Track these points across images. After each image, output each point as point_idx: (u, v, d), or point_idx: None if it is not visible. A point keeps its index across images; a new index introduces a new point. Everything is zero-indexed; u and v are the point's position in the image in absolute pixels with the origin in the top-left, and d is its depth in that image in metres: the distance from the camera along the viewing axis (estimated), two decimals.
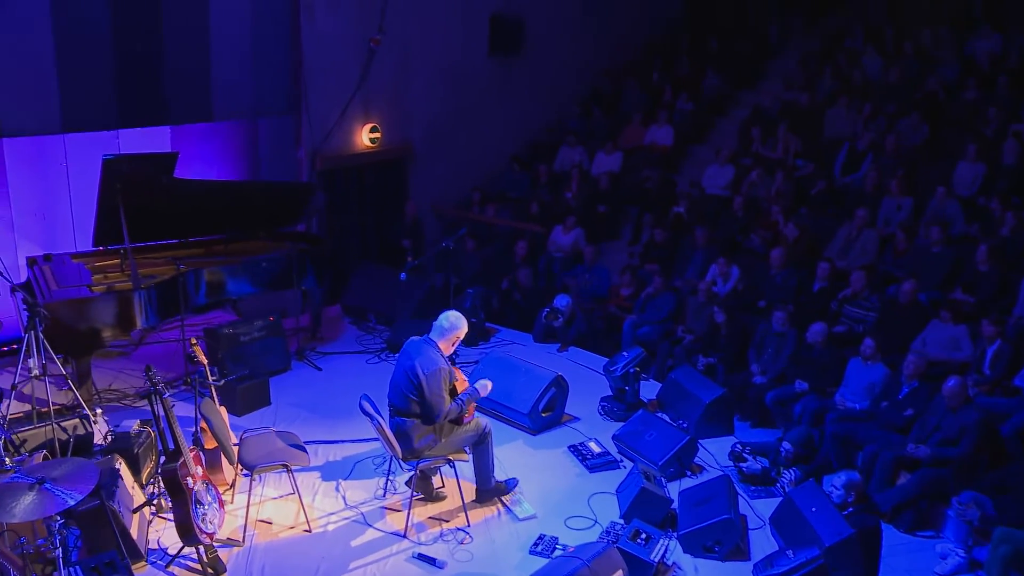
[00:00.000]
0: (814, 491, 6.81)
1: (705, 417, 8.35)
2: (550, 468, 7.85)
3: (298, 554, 6.52)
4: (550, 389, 8.39)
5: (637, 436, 7.92)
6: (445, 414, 6.56)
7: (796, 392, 8.93)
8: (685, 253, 11.87)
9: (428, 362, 6.58)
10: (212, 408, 6.72)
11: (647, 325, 10.74)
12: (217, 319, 10.25)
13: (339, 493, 7.33)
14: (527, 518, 7.04)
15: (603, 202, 13.18)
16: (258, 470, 6.63)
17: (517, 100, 14.12)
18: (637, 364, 8.66)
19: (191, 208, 8.99)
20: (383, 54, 11.87)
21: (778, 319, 9.44)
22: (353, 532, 6.83)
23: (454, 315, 6.83)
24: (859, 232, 10.98)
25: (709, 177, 13.08)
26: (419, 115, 12.76)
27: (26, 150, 9.25)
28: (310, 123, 11.25)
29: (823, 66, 14.25)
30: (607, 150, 13.78)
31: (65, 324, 7.83)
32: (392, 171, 12.57)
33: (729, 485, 6.97)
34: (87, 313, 7.95)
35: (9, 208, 9.25)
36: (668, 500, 6.94)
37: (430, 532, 6.85)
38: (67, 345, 7.96)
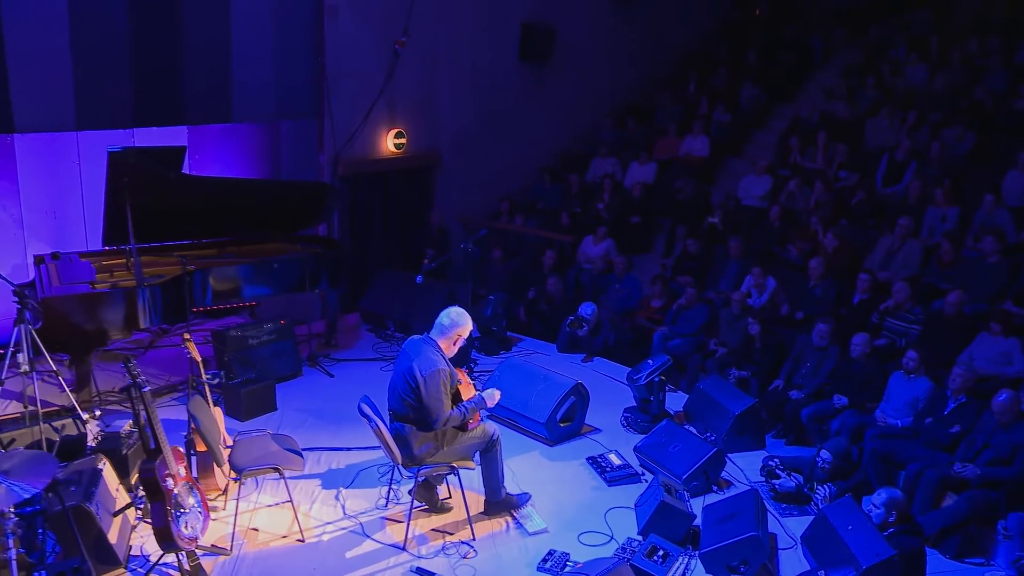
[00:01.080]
0: (851, 508, 6.11)
1: (735, 429, 7.69)
2: (566, 481, 7.23)
3: (288, 565, 5.99)
4: (569, 397, 7.78)
5: (660, 448, 7.27)
6: (444, 420, 5.98)
7: (835, 408, 8.22)
8: (719, 264, 11.23)
9: (426, 363, 6.02)
10: (202, 407, 6.21)
11: (678, 338, 10.10)
12: (231, 324, 9.78)
13: (339, 502, 6.78)
14: (537, 532, 6.43)
15: (636, 213, 12.58)
16: (247, 473, 6.11)
17: (548, 110, 13.60)
18: (662, 372, 8.03)
19: (203, 207, 8.56)
20: (409, 59, 11.44)
21: (820, 332, 8.74)
22: (349, 543, 6.28)
23: (455, 311, 6.27)
24: (902, 243, 10.26)
25: (745, 188, 12.43)
26: (446, 122, 12.29)
27: (38, 147, 8.92)
28: (333, 127, 10.82)
29: (865, 76, 13.55)
30: (641, 160, 13.21)
31: (62, 321, 7.43)
32: (418, 179, 12.09)
33: (757, 500, 6.30)
34: (85, 310, 7.53)
35: (19, 206, 8.92)
36: (690, 515, 6.28)
37: (432, 545, 6.26)
38: (66, 343, 7.56)
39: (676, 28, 15.09)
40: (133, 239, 7.82)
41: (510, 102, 13.06)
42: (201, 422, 5.96)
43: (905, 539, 6.05)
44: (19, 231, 8.93)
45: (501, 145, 12.98)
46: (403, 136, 11.66)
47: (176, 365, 8.99)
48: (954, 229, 10.32)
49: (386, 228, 11.66)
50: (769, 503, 6.92)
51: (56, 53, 8.83)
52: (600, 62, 14.08)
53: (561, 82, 13.68)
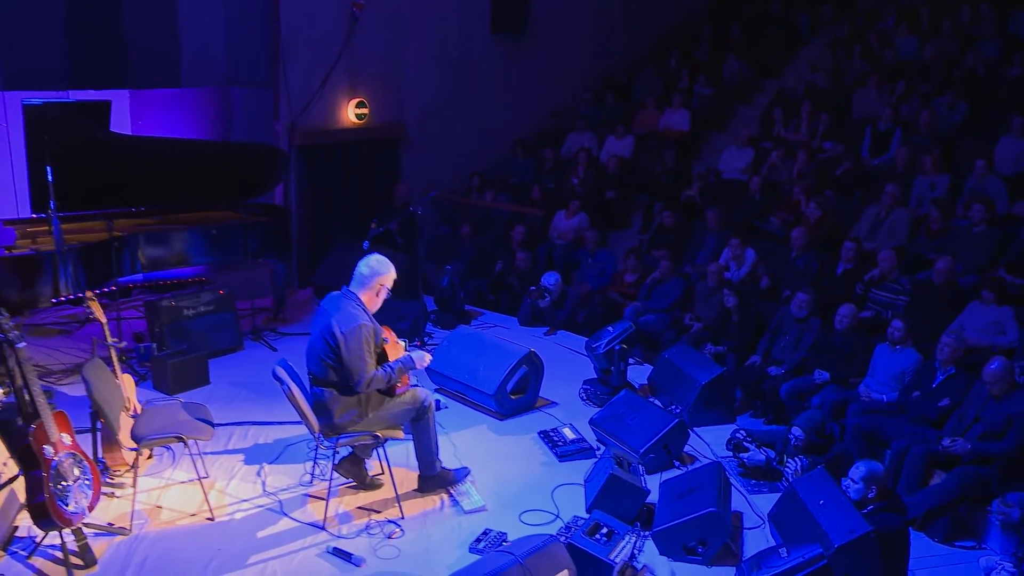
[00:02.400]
0: (823, 481, 5.36)
1: (701, 401, 6.94)
2: (513, 456, 6.49)
3: (192, 545, 5.25)
4: (520, 367, 7.03)
5: (617, 420, 6.51)
6: (368, 381, 5.24)
7: (815, 384, 7.46)
8: (697, 238, 10.47)
9: (346, 319, 5.29)
10: (100, 372, 5.48)
11: (651, 313, 9.34)
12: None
13: (260, 478, 6.05)
14: (474, 511, 5.69)
15: (612, 187, 11.81)
16: (146, 443, 5.37)
17: (522, 84, 12.83)
18: (624, 340, 7.26)
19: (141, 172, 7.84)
20: (371, 26, 10.71)
21: (799, 302, 7.98)
22: (264, 521, 5.54)
23: (375, 259, 5.54)
24: (888, 212, 9.49)
25: (726, 160, 11.67)
26: (412, 94, 11.53)
27: None
28: (288, 95, 10.07)
29: (852, 47, 12.79)
30: (618, 134, 12.44)
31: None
32: (382, 152, 11.33)
33: (720, 474, 5.53)
34: None
35: None
36: (644, 491, 5.53)
37: (355, 524, 5.52)
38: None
39: (659, 3, 14.29)
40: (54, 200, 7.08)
41: (482, 75, 12.30)
42: (94, 386, 5.22)
43: (886, 517, 5.29)
44: None
45: (472, 119, 12.22)
46: (365, 106, 10.91)
47: None
48: (943, 197, 9.55)
49: (348, 202, 10.90)
50: (736, 479, 6.17)
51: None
52: (578, 36, 13.30)
53: (536, 56, 12.92)
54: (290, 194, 10.38)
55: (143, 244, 7.63)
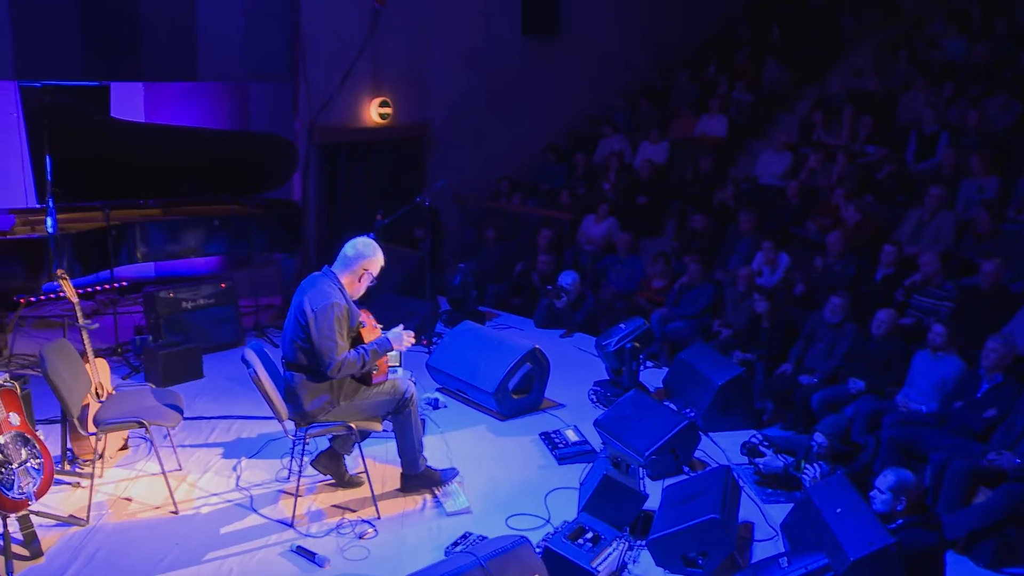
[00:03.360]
0: (842, 488, 4.72)
1: (717, 403, 6.34)
2: (509, 457, 5.96)
3: (149, 539, 4.82)
4: (523, 365, 6.50)
5: (623, 421, 5.93)
6: (338, 364, 4.76)
7: (849, 393, 6.80)
8: (729, 243, 9.84)
9: (319, 296, 4.84)
10: (61, 352, 5.08)
11: (679, 320, 8.73)
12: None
13: (235, 472, 5.60)
14: (457, 513, 5.16)
15: (644, 193, 11.24)
16: (104, 428, 4.96)
17: (553, 86, 12.33)
18: (637, 338, 6.68)
19: (142, 160, 7.52)
20: (397, 24, 10.35)
21: (833, 306, 7.33)
22: (230, 517, 5.09)
23: (362, 241, 5.10)
24: (932, 215, 8.79)
25: (763, 165, 11.03)
26: (439, 94, 11.13)
27: None
28: (308, 91, 9.73)
29: (898, 50, 12.08)
30: (652, 139, 11.88)
31: None
32: (406, 153, 10.92)
33: (727, 479, 4.92)
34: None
35: None
36: (641, 495, 4.94)
37: (326, 523, 5.03)
38: None
39: (697, 7, 13.70)
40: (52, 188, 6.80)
41: (511, 77, 11.85)
42: (51, 365, 4.82)
43: (917, 534, 4.66)
44: None
45: (501, 122, 11.76)
46: (388, 105, 10.53)
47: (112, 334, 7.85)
48: (993, 199, 8.81)
49: (369, 203, 10.48)
50: (751, 487, 5.54)
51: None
52: (612, 39, 12.77)
53: (569, 58, 12.42)
54: (308, 192, 10.02)
55: (143, 233, 7.30)
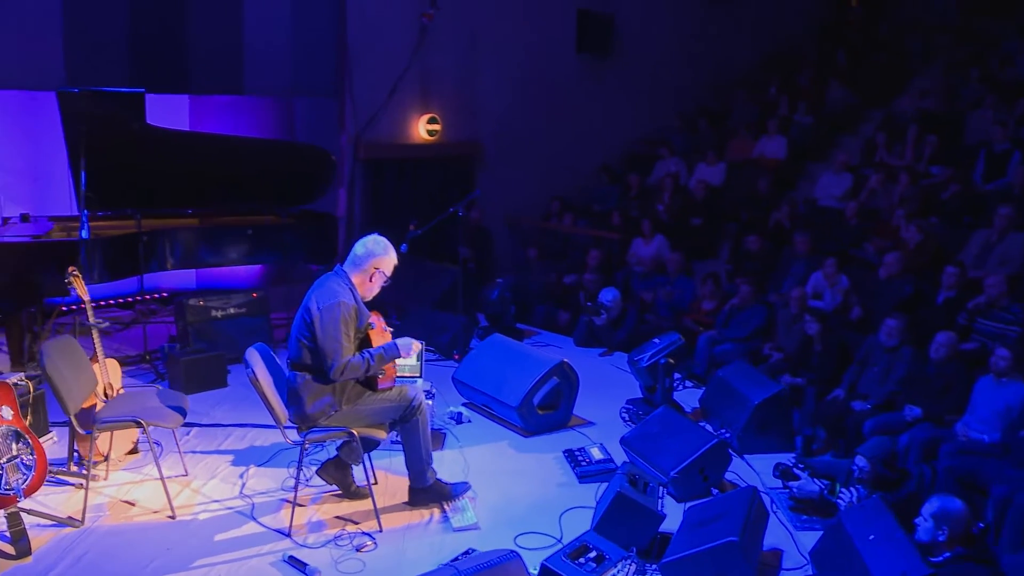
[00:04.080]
0: (877, 513, 4.27)
1: (754, 423, 5.90)
2: (528, 473, 5.62)
3: (141, 543, 4.61)
4: (550, 379, 6.16)
5: (651, 440, 5.55)
6: (342, 366, 4.51)
7: (905, 420, 6.31)
8: (783, 265, 9.37)
9: (327, 295, 4.62)
10: (65, 349, 4.95)
11: (729, 342, 8.31)
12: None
13: (241, 480, 5.38)
14: (464, 529, 4.83)
15: (698, 214, 10.84)
16: (100, 427, 4.79)
17: (608, 106, 12.06)
18: (671, 354, 6.29)
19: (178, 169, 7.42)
20: (446, 41, 10.22)
21: (889, 329, 6.85)
22: (227, 524, 4.86)
23: (372, 239, 4.86)
24: (1001, 236, 8.23)
25: (822, 187, 10.54)
26: (489, 112, 10.95)
27: (19, 105, 8.06)
28: (354, 107, 9.64)
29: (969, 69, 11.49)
30: (709, 161, 11.49)
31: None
32: (455, 171, 10.74)
33: (752, 501, 4.50)
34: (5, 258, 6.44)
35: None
36: (658, 515, 4.54)
37: (325, 534, 4.76)
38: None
39: (759, 27, 13.27)
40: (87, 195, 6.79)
41: (565, 96, 11.61)
42: (51, 361, 4.68)
43: (966, 568, 4.18)
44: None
45: (553, 141, 11.51)
46: (437, 122, 10.38)
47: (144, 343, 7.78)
48: None
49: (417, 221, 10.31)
50: (785, 512, 5.09)
51: (45, 7, 8.01)
52: (668, 60, 12.44)
53: (624, 78, 12.14)
54: (354, 207, 9.91)
55: (172, 241, 7.22)
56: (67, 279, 5.34)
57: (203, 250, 7.38)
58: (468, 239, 10.58)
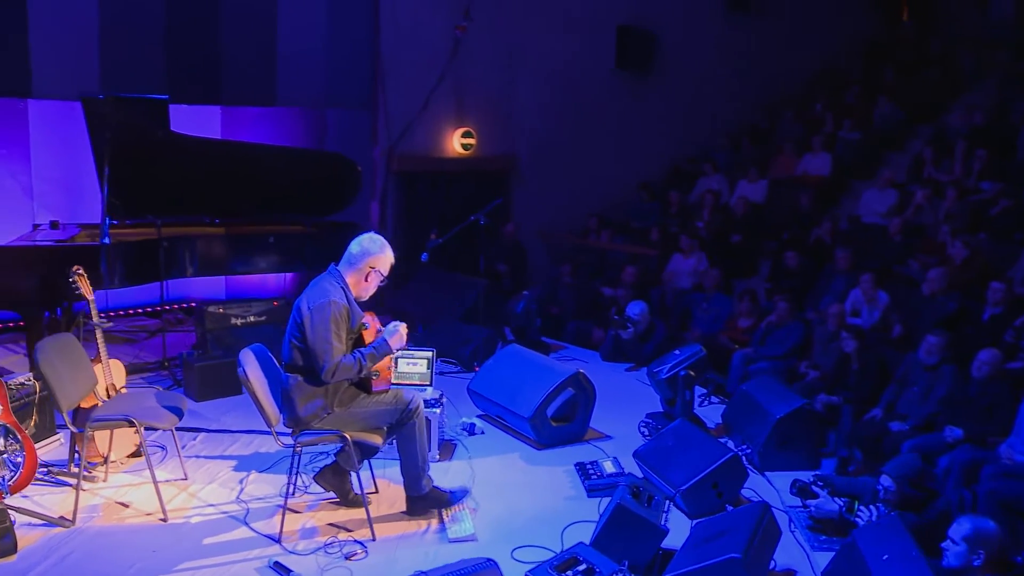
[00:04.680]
0: (893, 531, 3.95)
1: (776, 438, 5.57)
2: (535, 487, 5.38)
3: (127, 545, 4.50)
4: (565, 390, 5.93)
5: (665, 453, 5.27)
6: (333, 367, 4.36)
7: (946, 442, 5.94)
8: (823, 282, 9.02)
9: (317, 294, 4.49)
10: (63, 347, 4.88)
11: (764, 360, 7.98)
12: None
13: (240, 486, 5.22)
14: (460, 540, 4.61)
15: (738, 231, 10.52)
16: (92, 426, 4.69)
17: (647, 123, 11.80)
18: (691, 366, 6.00)
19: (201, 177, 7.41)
20: (481, 53, 10.14)
21: (929, 346, 6.48)
22: (218, 528, 4.72)
23: (368, 237, 4.72)
24: None
25: (866, 203, 10.16)
26: (526, 127, 10.81)
27: (54, 114, 8.15)
28: (388, 119, 9.58)
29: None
30: (750, 178, 11.17)
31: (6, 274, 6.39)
32: (490, 185, 10.59)
33: (762, 517, 4.19)
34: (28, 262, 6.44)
35: (29, 174, 8.14)
36: (660, 530, 4.27)
37: (316, 541, 4.59)
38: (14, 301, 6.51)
39: (805, 44, 12.89)
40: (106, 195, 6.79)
41: (603, 112, 11.42)
42: (45, 356, 4.61)
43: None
44: (27, 200, 8.14)
45: (591, 158, 11.31)
46: (472, 136, 10.27)
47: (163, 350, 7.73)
48: None
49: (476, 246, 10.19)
50: (803, 532, 4.77)
51: (82, 18, 8.11)
52: (711, 77, 12.15)
53: (665, 95, 11.90)
54: (387, 219, 9.82)
55: (194, 248, 7.17)
56: (71, 278, 5.28)
57: (223, 258, 7.32)
58: (503, 254, 10.43)
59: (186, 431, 5.99)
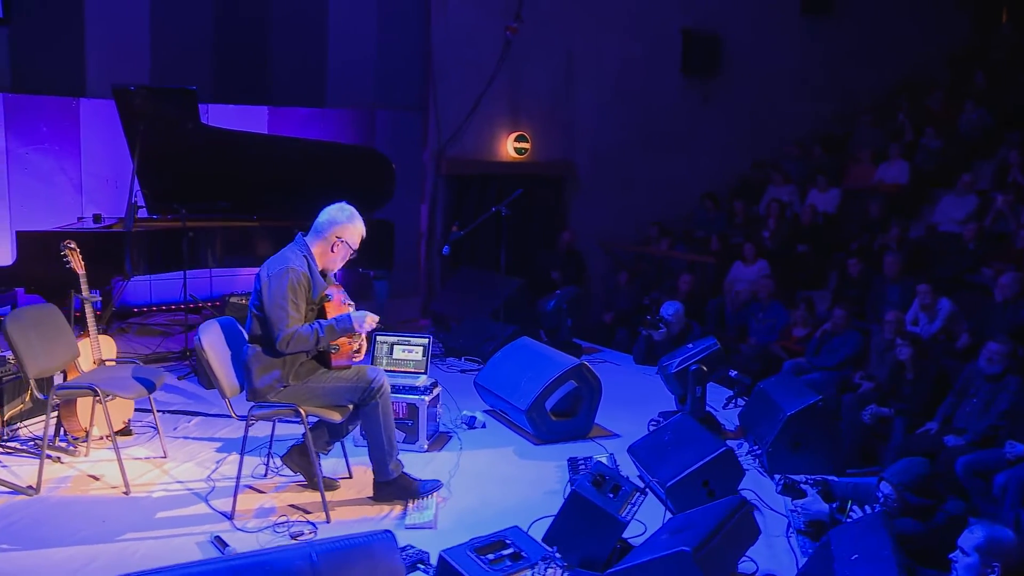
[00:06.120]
0: (871, 531, 3.43)
1: (786, 438, 5.03)
2: (519, 481, 5.03)
3: (79, 514, 4.40)
4: (565, 382, 5.55)
5: (659, 449, 4.83)
6: (288, 337, 4.15)
7: (1006, 459, 5.33)
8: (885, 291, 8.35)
9: (276, 261, 4.32)
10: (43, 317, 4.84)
11: (817, 371, 7.43)
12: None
13: (217, 465, 5.06)
14: (416, 527, 4.30)
15: (805, 242, 9.89)
16: (55, 393, 4.61)
17: (716, 130, 11.26)
18: (704, 360, 5.53)
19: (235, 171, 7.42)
20: (540, 57, 9.91)
21: (991, 353, 5.86)
22: (176, 504, 4.57)
23: (337, 206, 4.51)
24: None
25: (943, 210, 9.41)
26: (585, 132, 10.47)
27: (104, 113, 8.30)
28: (439, 121, 9.43)
29: None
30: (820, 187, 10.53)
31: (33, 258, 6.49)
32: (545, 191, 10.29)
33: (734, 512, 3.72)
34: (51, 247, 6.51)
35: (79, 171, 8.33)
36: (617, 521, 3.84)
37: (269, 520, 4.35)
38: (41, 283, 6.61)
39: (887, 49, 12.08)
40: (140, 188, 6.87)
41: (667, 118, 10.97)
42: (14, 320, 4.57)
43: None
44: (77, 195, 8.32)
45: (654, 165, 10.86)
46: (526, 140, 10.01)
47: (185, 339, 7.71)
48: None
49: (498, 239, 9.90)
50: (798, 537, 4.24)
51: (135, 20, 8.29)
52: (781, 83, 11.51)
53: (732, 101, 11.36)
54: (435, 223, 9.65)
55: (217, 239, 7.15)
56: (63, 251, 5.26)
57: (244, 249, 7.28)
58: (557, 261, 10.11)
59: (183, 414, 5.90)
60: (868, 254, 9.02)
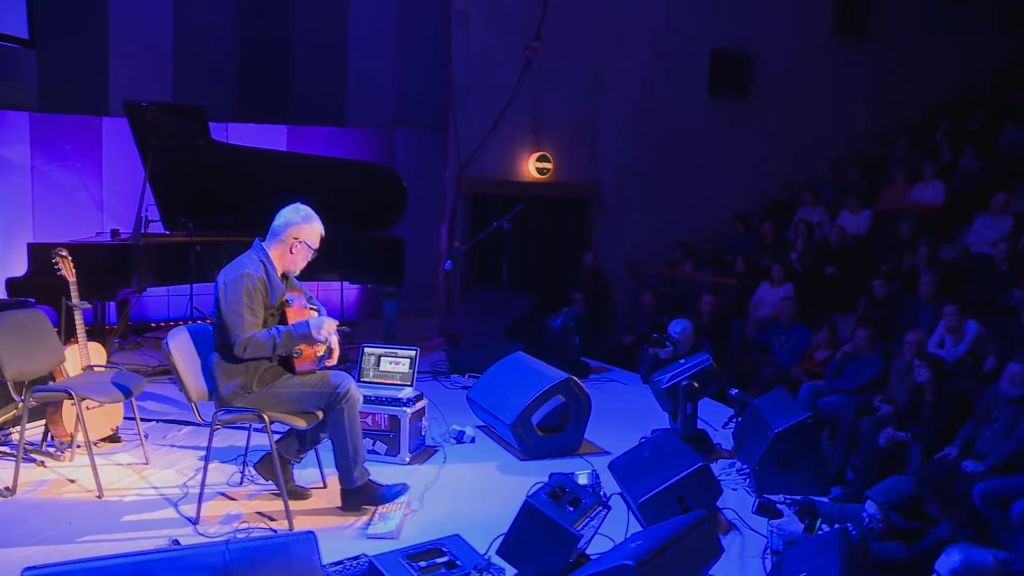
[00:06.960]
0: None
1: (773, 456, 4.84)
2: (492, 494, 4.93)
3: (49, 516, 4.43)
4: (552, 396, 5.43)
5: (639, 465, 4.69)
6: (245, 342, 4.13)
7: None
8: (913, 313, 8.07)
9: (232, 267, 4.31)
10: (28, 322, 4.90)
11: (836, 394, 7.19)
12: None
13: (195, 473, 5.04)
14: (378, 536, 4.22)
15: (834, 263, 9.63)
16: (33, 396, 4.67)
17: (742, 151, 11.06)
18: (695, 376, 5.37)
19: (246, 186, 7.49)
20: (563, 76, 9.88)
21: (1012, 375, 5.60)
22: (144, 508, 4.58)
23: (292, 207, 4.49)
24: None
25: (976, 231, 9.07)
26: (609, 152, 10.39)
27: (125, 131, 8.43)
28: (458, 141, 9.44)
29: None
30: (851, 208, 10.25)
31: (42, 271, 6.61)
32: (568, 212, 10.22)
33: (694, 529, 3.57)
34: None
35: (100, 188, 8.51)
36: (570, 535, 3.69)
37: (232, 527, 4.30)
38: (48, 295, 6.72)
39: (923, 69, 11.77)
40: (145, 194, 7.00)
41: (694, 139, 10.83)
42: None
43: None
44: (98, 212, 8.50)
45: (681, 185, 10.72)
46: (548, 160, 9.96)
47: None
48: None
49: (523, 260, 9.86)
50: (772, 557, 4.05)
51: (159, 39, 8.49)
52: (814, 103, 11.29)
53: (762, 122, 11.15)
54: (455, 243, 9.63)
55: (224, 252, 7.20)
56: (54, 259, 5.33)
57: None
58: (580, 283, 10.00)
59: (174, 423, 5.92)
60: (897, 275, 8.75)
